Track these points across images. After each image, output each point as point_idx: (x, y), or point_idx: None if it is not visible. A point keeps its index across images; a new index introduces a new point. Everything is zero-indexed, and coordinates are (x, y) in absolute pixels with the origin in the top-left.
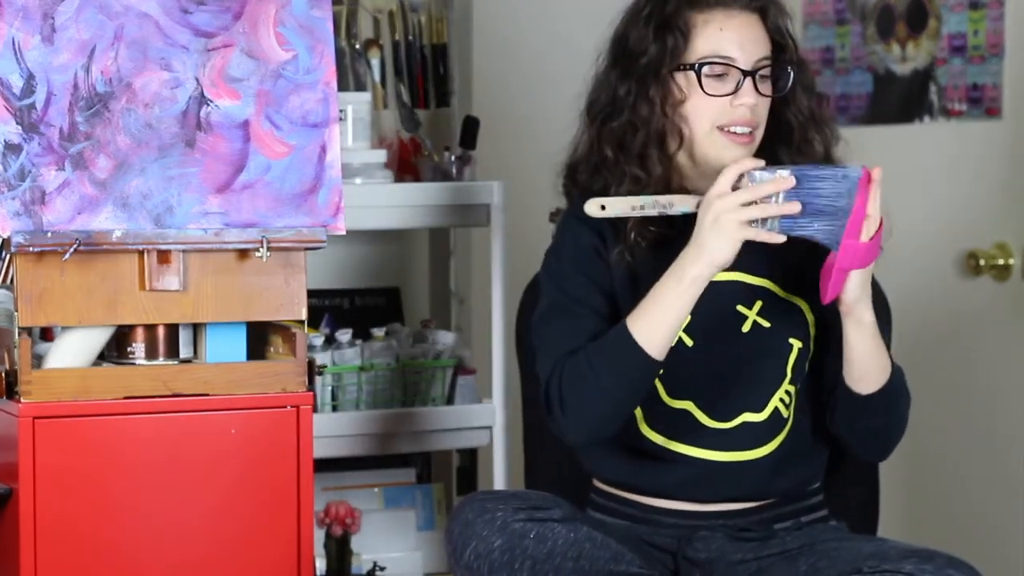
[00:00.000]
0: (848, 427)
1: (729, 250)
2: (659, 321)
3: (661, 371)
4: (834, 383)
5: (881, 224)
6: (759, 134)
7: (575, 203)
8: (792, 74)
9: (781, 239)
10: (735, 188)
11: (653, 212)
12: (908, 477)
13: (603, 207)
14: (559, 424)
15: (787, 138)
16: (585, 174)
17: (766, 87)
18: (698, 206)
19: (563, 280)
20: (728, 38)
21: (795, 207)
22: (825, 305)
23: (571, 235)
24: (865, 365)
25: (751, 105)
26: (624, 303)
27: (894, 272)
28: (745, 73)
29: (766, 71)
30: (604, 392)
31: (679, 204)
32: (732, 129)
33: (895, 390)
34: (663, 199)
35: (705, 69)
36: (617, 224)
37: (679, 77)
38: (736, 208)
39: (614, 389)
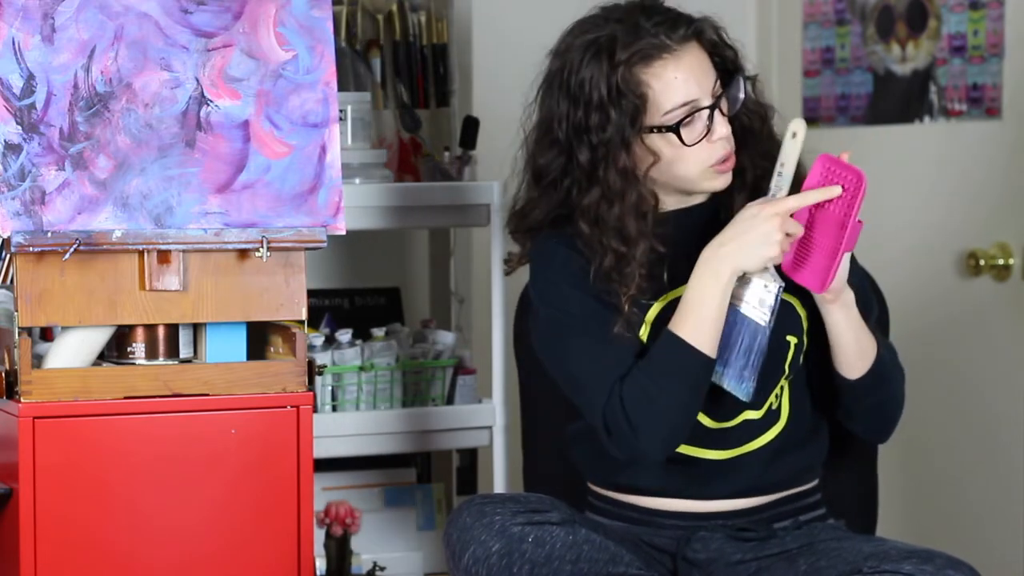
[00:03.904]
0: (847, 411)
1: (762, 265)
2: (705, 320)
3: None
4: (828, 373)
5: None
6: (734, 150)
7: (536, 240)
8: (742, 84)
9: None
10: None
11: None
12: (908, 476)
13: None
14: (630, 444)
15: (745, 140)
16: (542, 231)
17: (725, 105)
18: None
19: (574, 306)
20: (687, 82)
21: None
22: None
23: (558, 261)
24: (857, 347)
25: (727, 136)
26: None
27: (894, 272)
28: (711, 108)
29: (719, 92)
30: (673, 403)
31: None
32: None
33: (887, 364)
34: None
35: (675, 120)
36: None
37: (650, 139)
38: (784, 236)
39: (682, 397)
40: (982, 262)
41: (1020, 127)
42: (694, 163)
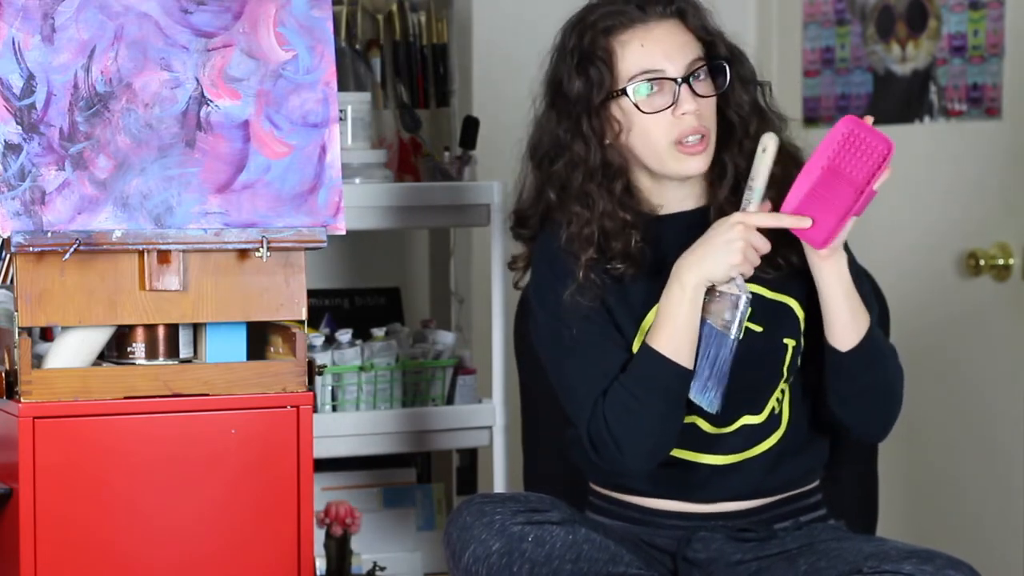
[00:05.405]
0: (841, 398)
1: (727, 273)
2: (678, 330)
3: None
4: (823, 364)
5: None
6: (712, 137)
7: (540, 238)
8: (728, 69)
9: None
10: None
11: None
12: (908, 477)
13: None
14: (615, 460)
15: (730, 137)
16: (534, 218)
17: (705, 87)
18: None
19: (568, 314)
20: (651, 51)
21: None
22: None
23: (559, 267)
24: (849, 310)
25: (694, 111)
26: (618, 311)
27: (894, 272)
28: (679, 81)
29: (701, 73)
30: (652, 416)
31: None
32: (685, 140)
33: (878, 346)
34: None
35: (634, 87)
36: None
37: (614, 108)
38: (751, 246)
39: (660, 409)
40: (982, 262)
41: (1020, 127)
42: (656, 136)
